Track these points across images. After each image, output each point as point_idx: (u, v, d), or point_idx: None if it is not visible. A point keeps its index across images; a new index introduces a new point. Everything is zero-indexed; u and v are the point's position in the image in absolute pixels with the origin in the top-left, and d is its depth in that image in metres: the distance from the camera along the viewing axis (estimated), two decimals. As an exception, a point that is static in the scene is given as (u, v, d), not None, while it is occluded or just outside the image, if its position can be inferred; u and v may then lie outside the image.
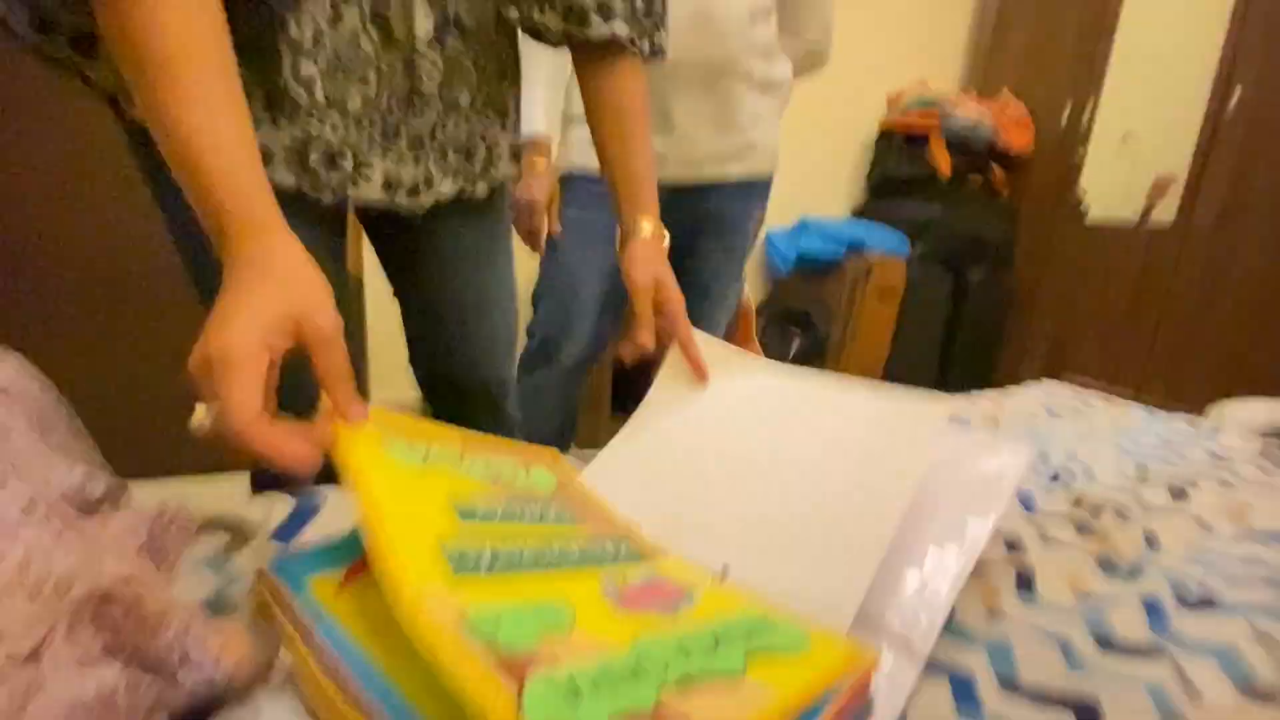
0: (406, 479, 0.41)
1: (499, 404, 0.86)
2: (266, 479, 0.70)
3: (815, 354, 2.15)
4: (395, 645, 0.34)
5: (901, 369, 2.24)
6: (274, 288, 0.39)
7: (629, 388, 1.75)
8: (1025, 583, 0.54)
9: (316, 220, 0.62)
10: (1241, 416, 1.00)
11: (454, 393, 0.84)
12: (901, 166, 2.34)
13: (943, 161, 2.24)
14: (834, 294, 2.09)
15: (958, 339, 2.42)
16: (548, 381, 1.23)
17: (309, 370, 0.41)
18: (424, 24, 0.59)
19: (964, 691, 0.41)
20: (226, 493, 0.55)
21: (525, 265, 1.80)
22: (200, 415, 0.38)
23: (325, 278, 0.43)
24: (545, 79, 1.15)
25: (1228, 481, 0.78)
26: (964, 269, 2.35)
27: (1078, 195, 2.39)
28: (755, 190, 1.21)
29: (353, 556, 0.42)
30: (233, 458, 0.39)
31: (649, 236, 0.69)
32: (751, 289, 1.41)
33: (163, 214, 0.62)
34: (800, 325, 2.20)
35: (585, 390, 1.36)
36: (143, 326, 1.22)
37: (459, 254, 0.77)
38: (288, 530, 0.52)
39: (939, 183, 2.27)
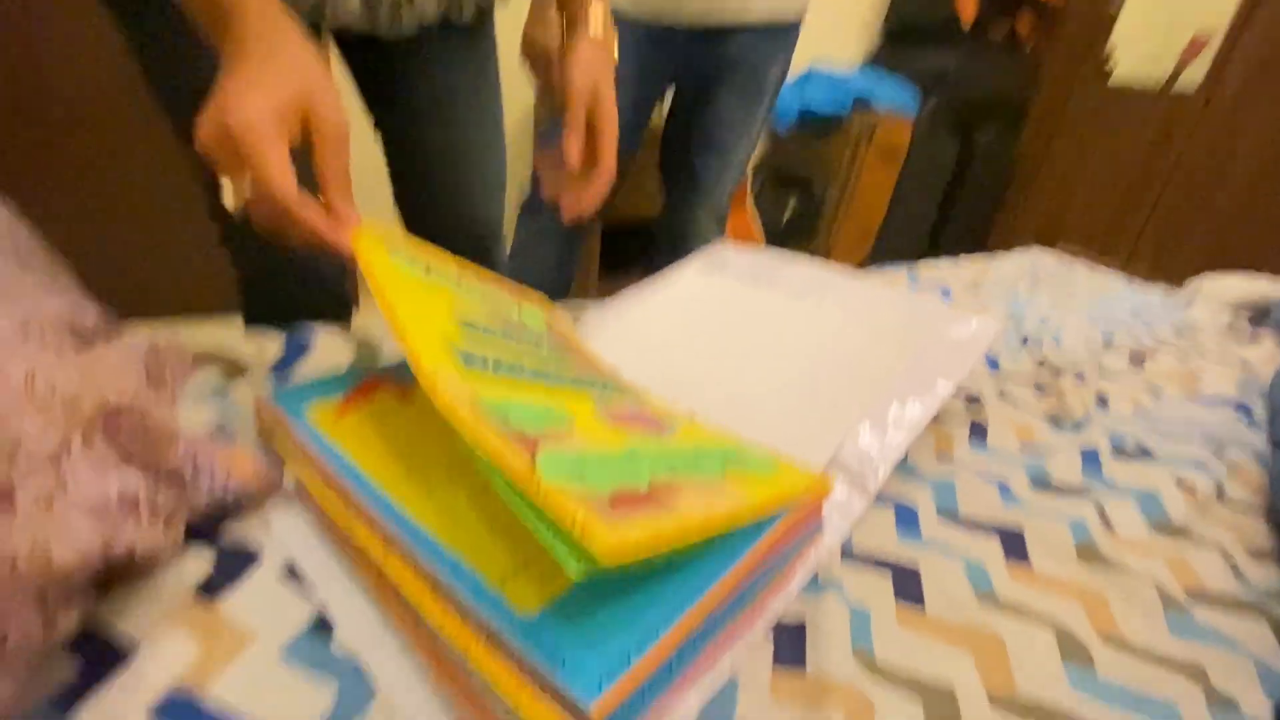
0: (411, 283, 0.42)
1: (488, 249, 0.85)
2: (257, 315, 0.70)
3: (809, 217, 2.11)
4: (391, 465, 0.37)
5: (894, 234, 2.21)
6: (285, 69, 0.37)
7: (619, 246, 1.73)
8: (979, 432, 0.58)
9: None
10: (1215, 290, 1.02)
11: (439, 235, 0.82)
12: (922, 10, 2.14)
13: (967, 5, 2.05)
14: (835, 154, 2.00)
15: (956, 204, 2.37)
16: (550, 228, 1.20)
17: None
18: None
19: (907, 519, 0.46)
20: (214, 333, 0.56)
21: (523, 100, 1.70)
22: (233, 192, 0.36)
23: (330, 74, 0.40)
24: None
25: (1187, 352, 0.81)
26: (972, 130, 2.25)
27: (1107, 51, 2.23)
28: (780, 36, 1.10)
29: (348, 387, 0.44)
30: (273, 238, 0.38)
31: (598, 35, 0.59)
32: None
33: (122, 33, 0.57)
34: (797, 188, 2.13)
35: (587, 241, 1.33)
36: (116, 162, 1.16)
37: (444, 88, 0.72)
38: (282, 365, 0.54)
39: (960, 30, 2.09)
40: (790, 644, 0.35)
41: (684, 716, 0.31)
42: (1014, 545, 0.44)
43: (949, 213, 2.39)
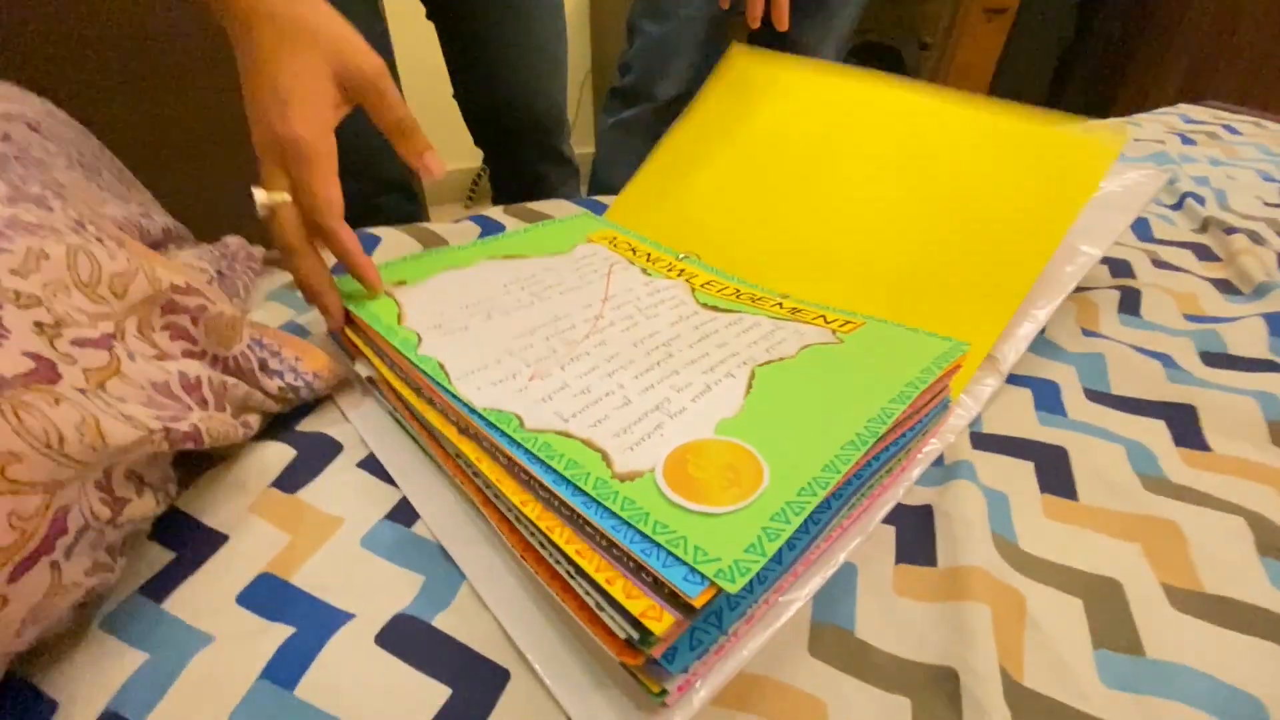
0: None
1: (552, 139, 0.80)
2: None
3: (900, 95, 1.89)
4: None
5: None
6: (309, 51, 0.35)
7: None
8: (1130, 304, 0.49)
9: None
10: None
11: (502, 128, 0.78)
12: None
13: None
14: (931, 14, 1.75)
15: (1076, 67, 2.05)
16: (636, 121, 1.12)
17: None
18: None
19: (1048, 399, 0.39)
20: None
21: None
22: (266, 198, 0.36)
23: (348, 23, 0.37)
24: None
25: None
26: (1099, -23, 1.91)
27: None
28: None
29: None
30: (281, 252, 0.37)
31: None
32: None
33: None
34: (885, 62, 1.90)
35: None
36: (179, 86, 1.16)
37: None
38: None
39: None
40: (916, 533, 0.31)
41: (796, 607, 0.27)
42: (1185, 426, 0.37)
43: (1067, 77, 2.08)
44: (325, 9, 0.37)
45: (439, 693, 0.24)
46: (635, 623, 0.22)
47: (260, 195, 0.36)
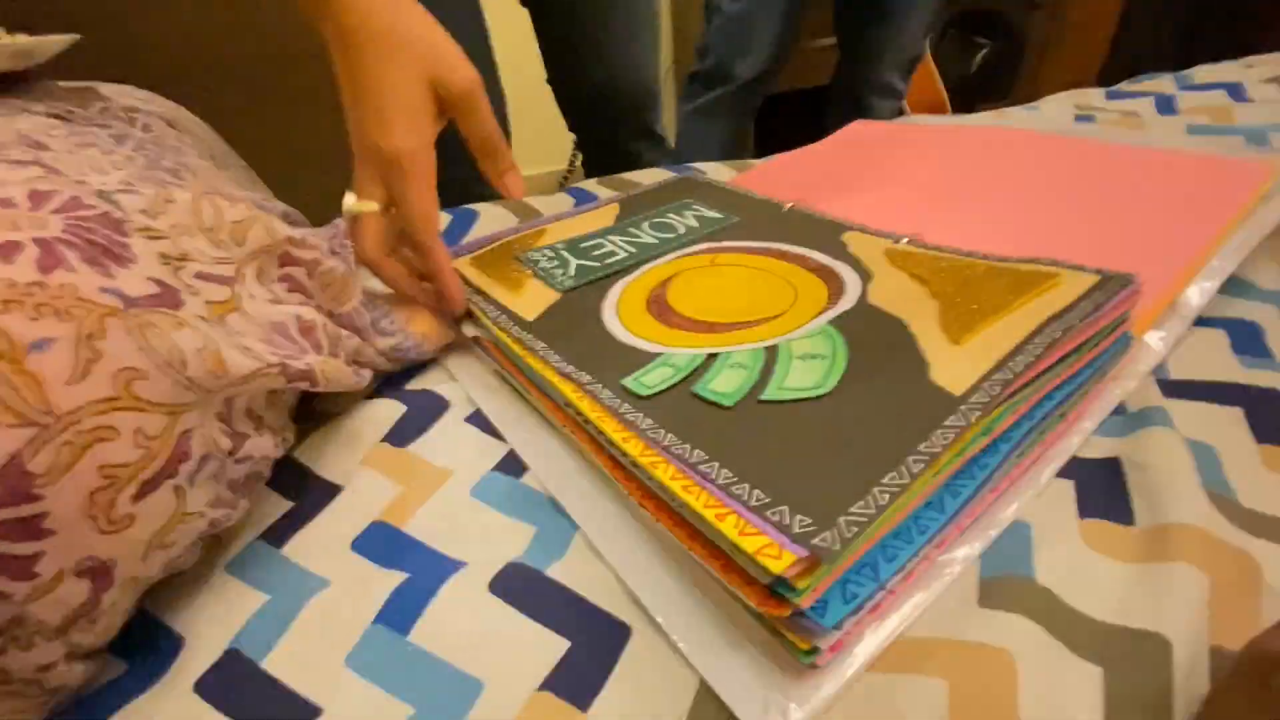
0: None
1: (646, 116, 0.79)
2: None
3: (1008, 63, 1.75)
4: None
5: (1123, 71, 1.76)
6: (406, 63, 0.35)
7: (771, 124, 1.57)
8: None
9: None
10: None
11: (598, 106, 0.78)
12: None
13: None
14: (1039, -27, 1.61)
15: (1207, 26, 1.83)
16: (717, 105, 1.10)
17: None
18: None
19: (1247, 339, 0.33)
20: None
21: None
22: (354, 205, 0.36)
23: (445, 33, 0.36)
24: None
25: None
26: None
27: None
28: None
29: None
30: (372, 267, 0.37)
31: None
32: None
33: None
34: (988, 29, 1.77)
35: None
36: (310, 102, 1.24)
37: None
38: (451, 235, 0.52)
39: None
40: (1102, 487, 0.26)
41: (960, 568, 0.23)
42: None
43: (1203, 28, 1.86)
44: (421, 17, 0.36)
45: (558, 644, 0.22)
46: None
47: (349, 201, 0.37)
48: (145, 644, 0.24)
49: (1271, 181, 0.41)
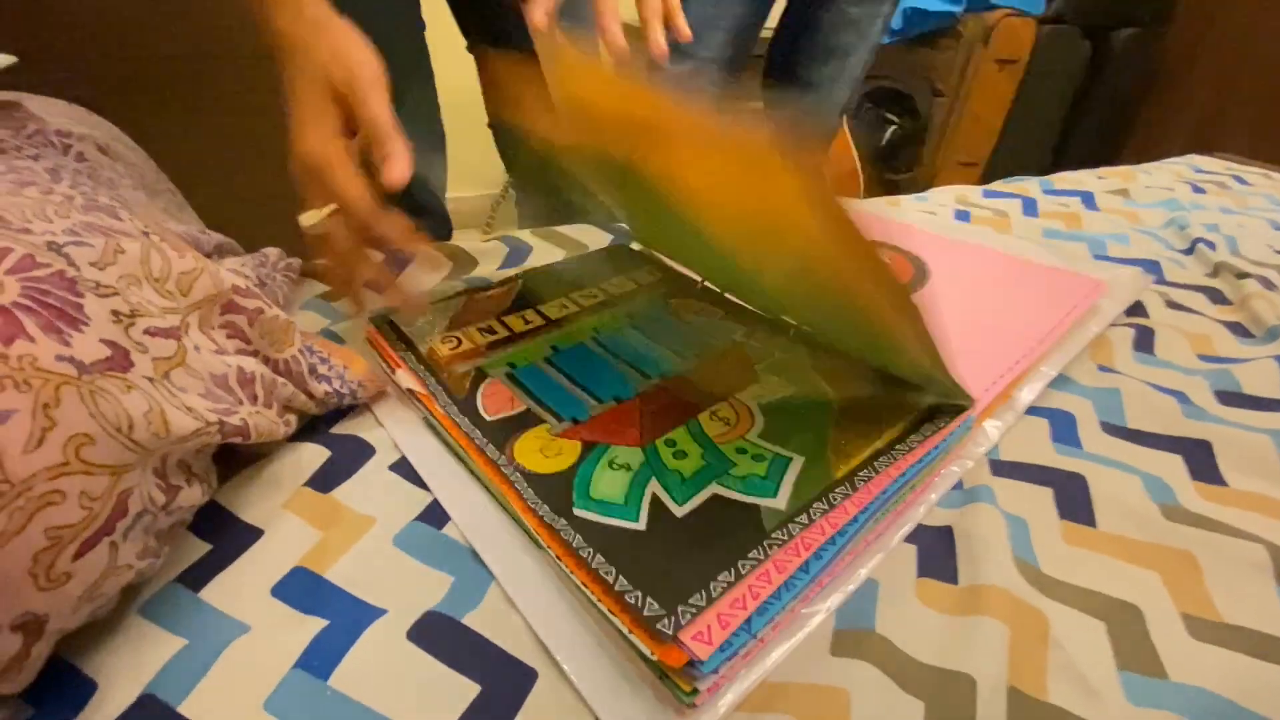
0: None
1: None
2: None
3: (912, 141, 1.93)
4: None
5: (1010, 155, 1.99)
6: (307, 70, 0.38)
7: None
8: (1144, 344, 0.50)
9: None
10: None
11: None
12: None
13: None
14: (943, 66, 1.80)
15: (1083, 121, 2.09)
16: (684, 79, 1.13)
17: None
18: None
19: (1064, 430, 0.40)
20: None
21: None
22: (311, 217, 0.39)
23: (349, 32, 0.39)
24: None
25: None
26: (1108, 32, 1.96)
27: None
28: None
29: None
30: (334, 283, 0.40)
31: None
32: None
33: None
34: (898, 109, 1.95)
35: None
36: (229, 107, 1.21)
37: None
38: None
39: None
40: (936, 551, 0.31)
41: (819, 619, 0.28)
42: (1201, 460, 0.37)
43: (1074, 129, 2.12)
44: (325, 22, 0.38)
45: (469, 688, 0.25)
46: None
47: (307, 218, 0.38)
48: (54, 688, 0.24)
49: (1099, 296, 0.50)
